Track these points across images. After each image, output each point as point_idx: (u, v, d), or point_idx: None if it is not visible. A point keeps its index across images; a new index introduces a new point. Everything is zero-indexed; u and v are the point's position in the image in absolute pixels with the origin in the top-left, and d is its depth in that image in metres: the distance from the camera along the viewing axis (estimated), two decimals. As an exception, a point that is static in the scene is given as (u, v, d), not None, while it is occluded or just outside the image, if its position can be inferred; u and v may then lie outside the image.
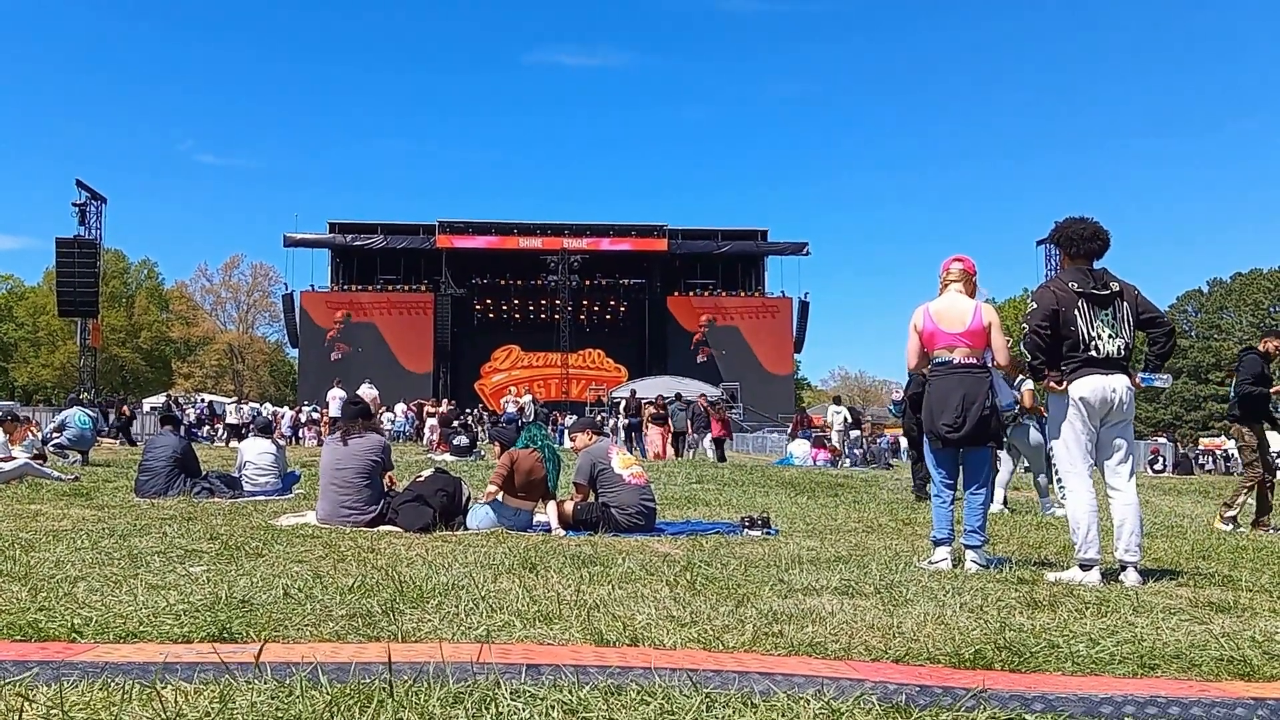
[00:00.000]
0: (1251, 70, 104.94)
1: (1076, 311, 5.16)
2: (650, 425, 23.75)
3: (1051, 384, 5.39)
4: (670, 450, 23.28)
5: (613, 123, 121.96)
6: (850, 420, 24.95)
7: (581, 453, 7.56)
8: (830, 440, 23.96)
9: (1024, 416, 10.29)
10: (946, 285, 5.77)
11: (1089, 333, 5.14)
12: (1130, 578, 5.02)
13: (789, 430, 29.92)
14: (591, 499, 7.35)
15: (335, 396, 26.90)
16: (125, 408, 29.09)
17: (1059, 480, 5.32)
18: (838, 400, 27.91)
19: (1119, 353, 5.18)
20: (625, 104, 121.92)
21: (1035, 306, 5.29)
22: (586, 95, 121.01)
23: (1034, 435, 10.31)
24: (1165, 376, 5.58)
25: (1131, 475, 5.27)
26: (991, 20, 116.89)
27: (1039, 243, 45.20)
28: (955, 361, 5.58)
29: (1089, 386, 5.13)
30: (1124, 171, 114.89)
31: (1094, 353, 5.14)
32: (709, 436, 23.41)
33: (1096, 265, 5.31)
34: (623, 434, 25.29)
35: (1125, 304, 5.23)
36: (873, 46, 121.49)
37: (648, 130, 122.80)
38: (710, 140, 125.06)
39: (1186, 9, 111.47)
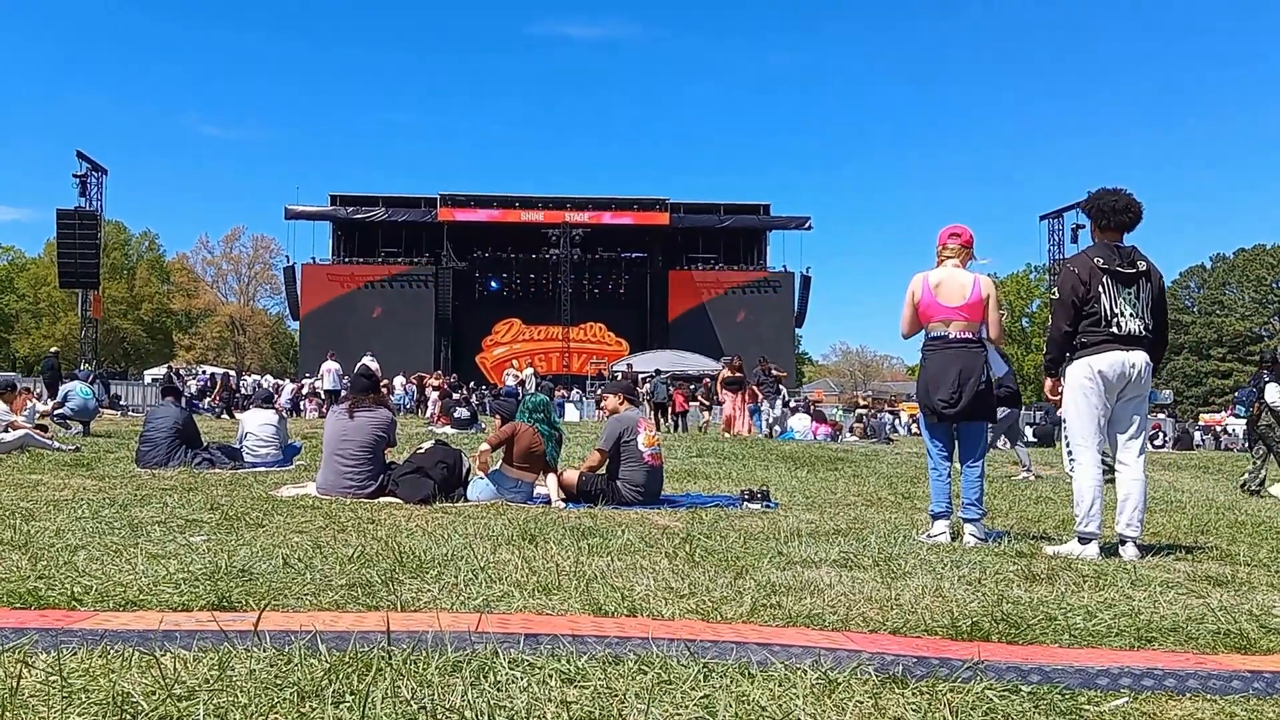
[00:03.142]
0: (1256, 47, 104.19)
1: (1101, 288, 5.12)
2: (723, 390, 20.31)
3: (1049, 393, 5.44)
4: (746, 423, 20.12)
5: (616, 95, 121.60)
6: (785, 396, 25.39)
7: (611, 419, 7.52)
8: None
9: None
10: (943, 260, 5.74)
11: (1111, 309, 5.11)
12: (1129, 552, 5.03)
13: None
14: (602, 469, 7.34)
15: (329, 370, 26.83)
16: (232, 383, 28.87)
17: (1068, 451, 5.31)
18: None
19: (1140, 331, 5.13)
20: (629, 76, 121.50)
21: (1057, 295, 5.27)
22: (590, 67, 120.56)
23: None
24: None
25: (1142, 452, 5.27)
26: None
27: (1042, 217, 45.08)
28: (951, 336, 5.56)
29: (1108, 361, 5.10)
30: (1127, 146, 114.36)
31: (1115, 329, 5.10)
32: (779, 403, 22.00)
33: (1127, 240, 5.28)
34: None
35: (1150, 285, 5.20)
36: (878, 21, 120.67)
37: (651, 103, 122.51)
38: (713, 113, 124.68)
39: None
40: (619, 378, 26.15)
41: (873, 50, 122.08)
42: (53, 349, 29.32)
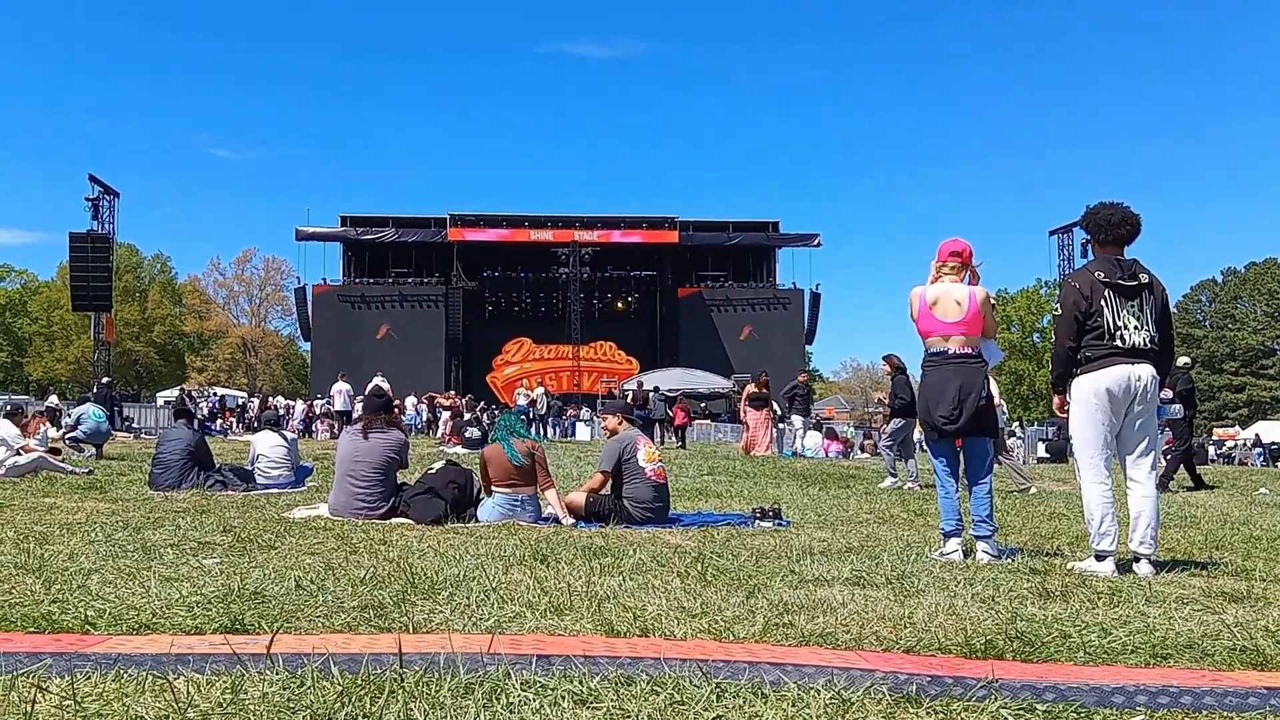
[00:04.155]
0: (1269, 57, 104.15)
1: (1104, 301, 5.09)
2: (748, 409, 19.48)
3: (1057, 410, 5.42)
4: (767, 444, 19.15)
5: (624, 114, 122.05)
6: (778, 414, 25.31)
7: (610, 440, 7.58)
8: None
9: None
10: (940, 276, 5.72)
11: (1115, 322, 5.08)
12: (1143, 569, 5.00)
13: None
14: (607, 489, 7.34)
15: (340, 390, 26.89)
16: (270, 402, 28.85)
17: (1077, 469, 5.29)
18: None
19: (1145, 344, 5.10)
20: (637, 95, 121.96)
21: (1060, 311, 5.26)
22: (598, 86, 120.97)
23: None
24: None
25: (1153, 468, 5.23)
26: (1005, 10, 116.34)
27: (1051, 232, 44.99)
28: (950, 352, 5.56)
29: (1113, 376, 5.07)
30: (1137, 160, 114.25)
31: (1119, 343, 5.07)
32: (804, 420, 21.01)
33: (1128, 254, 5.25)
34: None
35: (1153, 297, 5.17)
36: (886, 36, 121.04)
37: (659, 121, 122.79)
38: (722, 131, 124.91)
39: (1199, 3, 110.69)
40: (629, 396, 26.10)
41: (881, 65, 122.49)
42: (105, 378, 29.24)
